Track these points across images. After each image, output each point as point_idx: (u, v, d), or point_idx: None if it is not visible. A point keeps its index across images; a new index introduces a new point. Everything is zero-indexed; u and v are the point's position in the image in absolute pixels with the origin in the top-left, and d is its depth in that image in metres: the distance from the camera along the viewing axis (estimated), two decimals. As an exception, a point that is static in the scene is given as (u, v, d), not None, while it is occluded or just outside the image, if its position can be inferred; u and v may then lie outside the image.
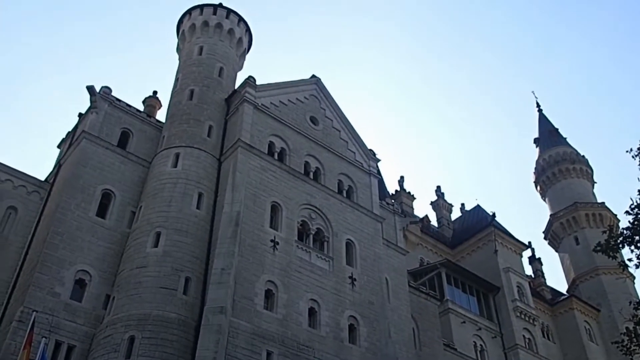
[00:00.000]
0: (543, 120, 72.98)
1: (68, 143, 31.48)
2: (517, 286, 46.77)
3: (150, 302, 24.09)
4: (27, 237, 26.73)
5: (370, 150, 37.67)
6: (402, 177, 55.00)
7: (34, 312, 21.76)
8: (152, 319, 23.51)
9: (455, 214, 58.68)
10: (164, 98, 35.69)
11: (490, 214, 52.67)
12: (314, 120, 35.51)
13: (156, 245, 25.95)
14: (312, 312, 27.24)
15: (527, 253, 54.04)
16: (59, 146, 33.41)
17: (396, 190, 53.12)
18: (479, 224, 52.31)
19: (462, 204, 59.55)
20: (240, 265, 25.64)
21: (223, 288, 24.23)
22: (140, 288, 24.49)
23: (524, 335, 44.52)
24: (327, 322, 27.31)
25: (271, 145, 32.02)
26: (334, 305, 28.17)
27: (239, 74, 37.33)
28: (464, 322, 42.00)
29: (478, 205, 57.01)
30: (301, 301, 26.97)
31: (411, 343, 32.87)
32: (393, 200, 43.44)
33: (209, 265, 25.94)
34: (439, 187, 60.04)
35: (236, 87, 34.37)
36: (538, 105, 74.31)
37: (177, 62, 37.05)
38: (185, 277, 25.38)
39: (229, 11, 37.74)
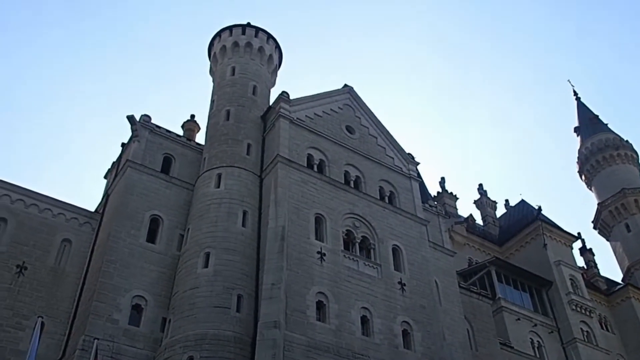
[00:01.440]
0: (582, 108, 71.40)
1: (114, 173, 32.43)
2: (570, 279, 45.75)
3: (205, 321, 24.49)
4: (82, 267, 27.55)
5: (409, 154, 37.57)
6: (442, 178, 54.63)
7: (96, 340, 22.48)
8: (209, 338, 23.89)
9: (500, 210, 57.88)
10: (202, 121, 36.52)
11: (536, 208, 51.74)
12: (350, 129, 35.67)
13: (206, 266, 26.39)
14: (364, 320, 27.21)
15: (577, 244, 52.87)
16: (105, 177, 34.44)
17: (438, 192, 52.77)
18: (525, 219, 51.43)
19: (506, 200, 58.70)
20: (289, 279, 25.85)
21: (275, 303, 24.45)
22: (194, 309, 24.93)
23: (581, 329, 43.42)
24: (380, 329, 27.25)
25: (310, 157, 32.29)
26: (386, 311, 28.09)
27: (272, 90, 37.85)
28: (519, 319, 41.24)
29: (523, 200, 56.10)
30: (352, 310, 26.98)
31: (466, 344, 32.47)
32: (436, 202, 43.17)
33: (259, 282, 26.22)
34: (481, 185, 59.37)
35: (270, 103, 34.83)
36: (575, 94, 72.79)
37: (211, 84, 37.79)
38: (237, 294, 25.74)
39: (257, 29, 38.33)
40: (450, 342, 30.03)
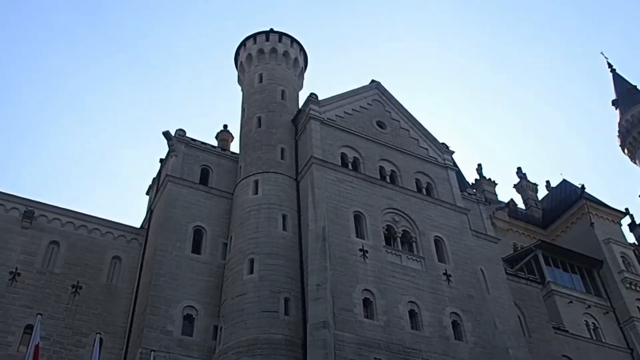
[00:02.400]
0: (618, 79, 69.34)
1: (155, 189, 33.29)
2: (622, 256, 44.58)
3: (255, 327, 24.90)
4: (133, 282, 28.39)
5: (443, 143, 37.34)
6: (479, 165, 53.99)
7: (152, 352, 23.18)
8: (260, 343, 24.29)
9: (542, 192, 56.82)
10: (234, 130, 37.13)
11: (579, 186, 50.59)
12: (381, 124, 35.67)
13: (251, 272, 26.82)
14: (412, 314, 27.18)
15: (626, 220, 51.32)
16: (147, 193, 35.37)
17: (476, 179, 52.20)
18: (569, 199, 50.36)
19: (547, 182, 57.59)
20: (334, 279, 26.05)
21: (322, 303, 24.68)
22: (244, 315, 25.37)
23: (638, 307, 42.23)
24: (429, 322, 27.18)
25: (343, 156, 32.45)
26: (433, 304, 28.00)
27: (300, 93, 38.16)
28: (571, 302, 40.41)
29: (564, 180, 54.92)
30: (400, 305, 27.00)
31: (519, 331, 32.05)
32: (474, 190, 42.76)
33: (305, 283, 26.49)
34: (519, 169, 58.42)
35: (300, 106, 35.14)
36: (610, 66, 70.71)
37: (241, 93, 38.34)
38: (284, 298, 26.06)
39: (281, 34, 38.73)
40: (502, 330, 29.65)
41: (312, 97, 33.71)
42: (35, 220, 27.68)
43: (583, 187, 50.01)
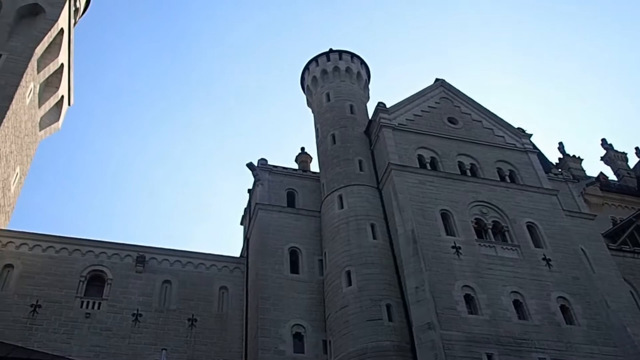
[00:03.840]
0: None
1: (248, 218, 35.14)
2: None
3: (362, 336, 25.62)
4: (242, 308, 30.07)
5: (519, 128, 36.92)
6: (561, 144, 52.51)
7: (270, 372, 24.44)
8: (370, 351, 24.97)
9: (632, 160, 54.32)
10: (311, 150, 38.59)
11: (673, 147, 48.07)
12: (452, 120, 35.82)
13: (350, 284, 27.67)
14: (517, 304, 26.86)
15: None
16: (241, 223, 37.34)
17: (559, 159, 50.79)
18: (664, 162, 47.92)
19: (637, 148, 55.04)
20: (431, 279, 26.33)
21: (423, 305, 25.03)
22: (349, 326, 26.17)
23: None
24: (536, 310, 26.77)
25: (420, 157, 32.85)
26: (537, 291, 27.59)
27: (368, 104, 39.06)
28: (685, 268, 38.34)
29: (656, 143, 52.27)
30: (503, 296, 26.80)
31: (633, 308, 30.87)
32: (560, 170, 41.72)
33: (403, 288, 26.95)
34: (604, 140, 56.20)
35: (370, 117, 35.94)
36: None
37: (312, 115, 39.75)
38: (385, 304, 26.66)
39: (340, 52, 39.89)
40: (615, 309, 28.64)
41: (381, 106, 34.46)
42: (147, 263, 30.06)
43: (678, 147, 47.54)
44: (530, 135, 36.87)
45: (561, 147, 52.46)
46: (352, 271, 28.01)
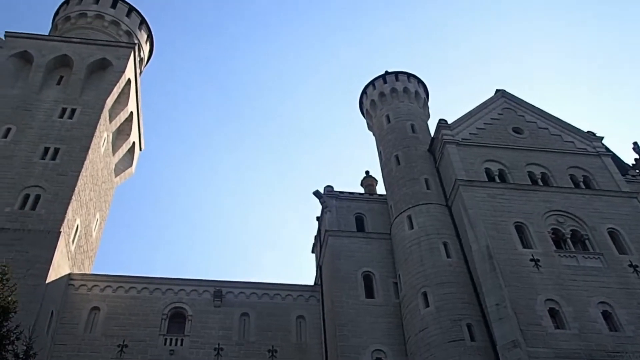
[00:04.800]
0: None
1: (318, 245, 35.40)
2: None
3: (445, 358, 25.03)
4: (320, 336, 30.10)
5: (588, 131, 35.69)
6: (635, 144, 50.00)
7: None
8: (454, 373, 24.42)
9: None
10: (376, 173, 38.65)
11: None
12: (517, 130, 35.09)
13: (427, 305, 27.23)
14: (606, 315, 25.66)
15: None
16: (312, 251, 37.65)
17: (636, 159, 48.37)
18: None
19: None
20: (512, 295, 25.56)
21: (506, 322, 24.30)
22: (430, 349, 25.68)
23: None
24: (628, 320, 25.42)
25: (488, 171, 32.26)
26: (627, 300, 26.25)
27: (429, 122, 38.91)
28: None
29: None
30: (590, 308, 25.68)
31: None
32: (638, 170, 39.79)
33: (483, 306, 26.27)
34: (682, 135, 53.15)
35: (432, 134, 35.71)
36: None
37: (373, 138, 39.94)
38: (466, 324, 26.05)
39: (397, 74, 40.12)
40: None
41: (442, 122, 34.22)
42: (224, 297, 30.68)
43: None
44: (602, 137, 35.58)
45: (636, 147, 50.00)
46: (428, 292, 27.60)
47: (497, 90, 37.44)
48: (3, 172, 29.93)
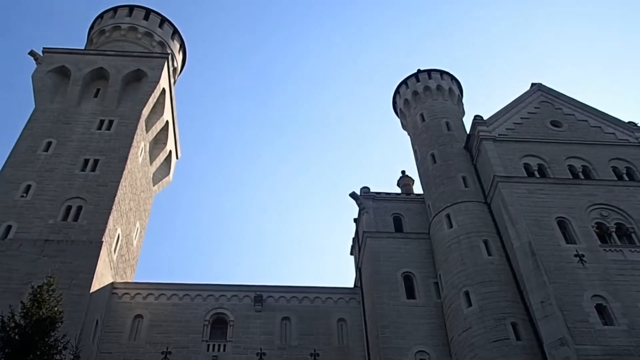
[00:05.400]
0: None
1: (357, 247, 35.23)
2: None
3: (491, 358, 24.60)
4: (362, 339, 29.89)
5: (630, 122, 34.73)
6: (679, 131, 48.45)
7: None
8: (501, 373, 23.94)
9: None
10: (412, 173, 38.37)
11: None
12: (555, 123, 34.35)
13: (470, 304, 26.81)
14: (657, 310, 24.90)
15: None
16: (351, 253, 37.53)
17: (681, 147, 46.87)
18: None
19: None
20: (557, 292, 25.02)
21: (552, 320, 23.79)
22: (475, 349, 25.26)
23: None
24: (681, 315, 24.61)
25: (527, 166, 31.67)
26: (679, 293, 25.38)
27: (464, 119, 38.45)
28: None
29: None
30: (639, 303, 24.94)
31: None
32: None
33: (527, 304, 25.78)
34: None
35: (468, 131, 35.21)
36: None
37: (408, 137, 39.64)
38: (510, 323, 25.55)
39: (429, 71, 39.78)
40: None
41: (478, 119, 33.73)
42: (265, 302, 30.77)
43: None
44: (643, 127, 34.53)
45: (680, 136, 48.42)
46: (470, 291, 27.19)
47: (533, 84, 36.72)
48: (45, 185, 30.67)
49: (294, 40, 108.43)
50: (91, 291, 26.45)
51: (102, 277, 28.34)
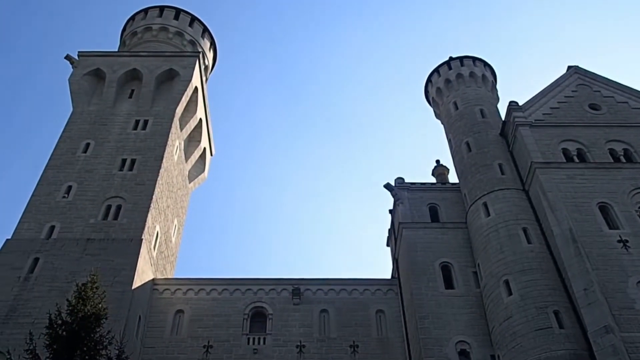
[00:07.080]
0: None
1: (393, 239, 35.07)
2: None
3: (533, 347, 24.22)
4: (401, 330, 29.79)
5: (673, 102, 33.51)
6: None
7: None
8: (546, 363, 23.53)
9: None
10: (447, 162, 37.95)
11: None
12: (594, 106, 33.46)
13: (510, 293, 26.39)
14: None
15: None
16: (387, 245, 37.38)
17: None
18: None
19: None
20: (600, 279, 24.46)
21: (596, 307, 23.26)
22: (517, 338, 24.87)
23: None
24: None
25: (565, 151, 30.96)
26: None
27: (499, 105, 37.76)
28: None
29: None
30: (687, 288, 24.21)
31: None
32: None
33: (570, 291, 25.26)
34: None
35: (503, 118, 34.59)
36: None
37: (441, 126, 39.18)
38: (552, 311, 25.07)
39: (462, 58, 39.15)
40: None
41: (513, 104, 33.08)
42: (303, 295, 30.93)
43: None
44: (687, 108, 33.33)
45: None
46: (510, 280, 26.77)
47: (570, 67, 35.81)
48: (86, 185, 31.45)
49: (323, 32, 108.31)
50: (133, 288, 27.04)
51: (143, 273, 28.92)
